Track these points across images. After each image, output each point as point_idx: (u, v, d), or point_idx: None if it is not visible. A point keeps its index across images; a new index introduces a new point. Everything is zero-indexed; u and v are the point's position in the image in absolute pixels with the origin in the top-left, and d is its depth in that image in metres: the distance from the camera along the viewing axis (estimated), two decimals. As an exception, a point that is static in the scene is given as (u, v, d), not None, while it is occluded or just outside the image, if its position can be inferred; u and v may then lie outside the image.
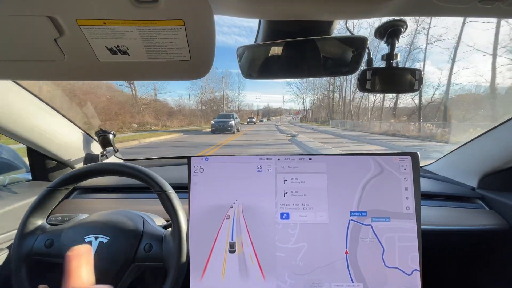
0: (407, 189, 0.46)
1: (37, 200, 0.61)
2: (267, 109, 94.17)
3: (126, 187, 0.99)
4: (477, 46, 17.93)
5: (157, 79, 0.42)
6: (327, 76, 0.66)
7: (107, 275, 0.57)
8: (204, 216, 0.48)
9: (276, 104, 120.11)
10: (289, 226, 0.46)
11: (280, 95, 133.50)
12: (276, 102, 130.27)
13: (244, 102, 70.05)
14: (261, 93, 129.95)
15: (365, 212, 0.46)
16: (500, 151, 0.83)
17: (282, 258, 0.45)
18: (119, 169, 0.63)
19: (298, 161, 0.47)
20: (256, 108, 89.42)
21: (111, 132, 1.04)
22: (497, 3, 0.35)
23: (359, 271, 0.45)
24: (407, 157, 0.47)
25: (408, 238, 0.45)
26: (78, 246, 0.39)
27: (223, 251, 0.47)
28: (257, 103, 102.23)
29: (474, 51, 17.98)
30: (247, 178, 0.47)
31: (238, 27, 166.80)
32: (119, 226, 0.61)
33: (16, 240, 0.59)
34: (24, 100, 0.77)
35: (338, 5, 0.38)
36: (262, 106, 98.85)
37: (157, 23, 0.30)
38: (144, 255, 0.58)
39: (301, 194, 0.47)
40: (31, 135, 0.83)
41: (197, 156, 0.47)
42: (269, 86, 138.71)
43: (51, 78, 0.41)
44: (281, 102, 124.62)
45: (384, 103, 27.31)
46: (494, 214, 0.83)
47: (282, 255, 0.45)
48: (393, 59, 0.59)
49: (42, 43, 0.32)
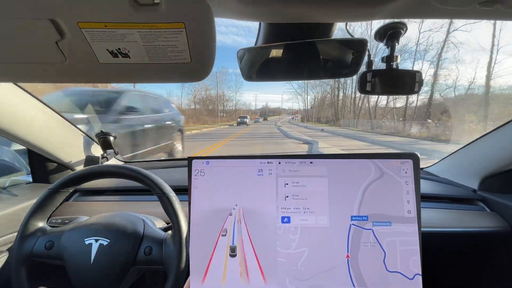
0: (408, 193, 0.46)
1: (37, 202, 0.61)
2: (265, 109, 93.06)
3: (127, 189, 0.99)
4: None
5: (157, 81, 0.42)
6: (327, 78, 0.67)
7: (107, 277, 0.56)
8: (205, 220, 0.47)
9: (274, 104, 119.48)
10: (290, 231, 0.46)
11: (278, 94, 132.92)
12: (274, 102, 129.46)
13: (241, 101, 68.96)
14: (259, 92, 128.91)
15: (366, 216, 0.46)
16: (501, 153, 0.82)
17: (283, 264, 0.45)
18: (120, 171, 0.63)
19: (299, 164, 0.47)
20: (254, 108, 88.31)
21: (111, 134, 1.04)
22: (496, 5, 0.35)
23: (360, 276, 0.44)
24: (408, 161, 0.47)
25: (409, 242, 0.45)
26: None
27: (224, 255, 0.46)
28: (255, 103, 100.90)
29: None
30: (248, 182, 0.47)
31: (236, 27, 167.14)
32: (120, 228, 0.60)
33: (16, 242, 0.59)
34: (25, 103, 0.77)
35: (338, 8, 0.38)
36: (261, 105, 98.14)
37: (157, 26, 0.30)
38: (144, 258, 0.58)
39: (302, 198, 0.46)
40: (32, 137, 0.83)
41: (198, 159, 0.47)
42: (268, 85, 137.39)
43: (52, 81, 0.41)
44: (279, 102, 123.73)
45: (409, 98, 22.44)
46: (495, 216, 0.83)
47: (283, 261, 0.45)
48: (393, 61, 0.59)
49: (43, 45, 0.32)
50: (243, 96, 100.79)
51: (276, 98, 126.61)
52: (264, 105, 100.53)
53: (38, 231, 0.61)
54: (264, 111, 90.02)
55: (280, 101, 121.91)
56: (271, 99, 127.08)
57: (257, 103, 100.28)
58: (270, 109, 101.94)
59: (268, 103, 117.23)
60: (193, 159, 0.46)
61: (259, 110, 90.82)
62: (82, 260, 0.57)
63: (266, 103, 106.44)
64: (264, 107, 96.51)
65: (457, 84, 22.38)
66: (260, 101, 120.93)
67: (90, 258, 0.57)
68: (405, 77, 0.61)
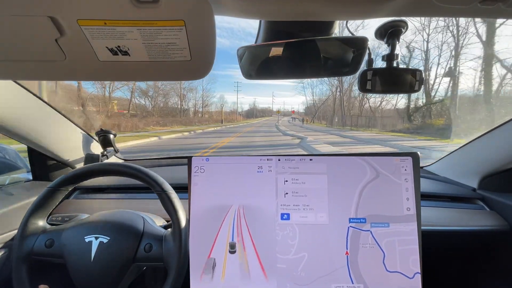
0: (407, 190, 0.46)
1: (37, 200, 0.61)
2: (252, 109, 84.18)
3: (127, 187, 0.99)
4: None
5: (157, 79, 0.42)
6: (327, 76, 0.66)
7: (108, 275, 0.57)
8: (205, 216, 0.48)
9: (263, 106, 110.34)
10: (288, 237, 0.46)
11: (269, 97, 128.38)
12: (263, 104, 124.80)
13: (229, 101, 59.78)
14: (245, 95, 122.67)
15: (364, 218, 0.46)
16: (500, 152, 0.82)
17: (283, 269, 0.45)
18: (120, 169, 0.63)
19: (299, 161, 0.47)
20: (241, 109, 77.65)
21: (111, 132, 1.04)
22: (497, 3, 0.34)
23: (361, 278, 0.45)
24: (408, 158, 0.47)
25: (408, 241, 0.45)
26: None
27: (223, 252, 0.47)
28: (240, 104, 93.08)
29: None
30: (247, 179, 0.47)
31: (219, 28, 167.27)
32: (119, 226, 0.61)
33: (16, 240, 0.59)
34: (25, 100, 0.77)
35: (339, 6, 0.38)
36: (247, 107, 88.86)
37: (157, 24, 0.30)
38: (144, 255, 0.58)
39: (302, 195, 0.47)
40: (32, 135, 0.83)
41: (198, 156, 0.47)
42: (257, 86, 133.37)
43: (52, 78, 0.41)
44: (270, 104, 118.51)
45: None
46: (494, 215, 0.83)
47: (283, 267, 0.45)
48: (393, 59, 0.59)
49: (43, 43, 0.32)
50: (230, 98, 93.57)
51: (266, 101, 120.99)
52: (251, 103, 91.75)
53: (38, 229, 0.61)
54: (251, 111, 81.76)
55: (271, 103, 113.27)
56: (261, 101, 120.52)
57: (243, 105, 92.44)
58: (258, 109, 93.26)
59: (259, 105, 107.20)
60: (193, 156, 0.46)
61: (245, 111, 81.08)
62: (83, 257, 0.57)
63: (254, 98, 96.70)
64: (252, 106, 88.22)
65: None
66: (247, 102, 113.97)
67: (90, 256, 0.57)
68: (405, 75, 0.61)
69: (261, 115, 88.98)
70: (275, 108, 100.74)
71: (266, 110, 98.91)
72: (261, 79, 0.66)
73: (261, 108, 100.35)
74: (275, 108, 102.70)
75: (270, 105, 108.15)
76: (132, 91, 25.51)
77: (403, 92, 0.63)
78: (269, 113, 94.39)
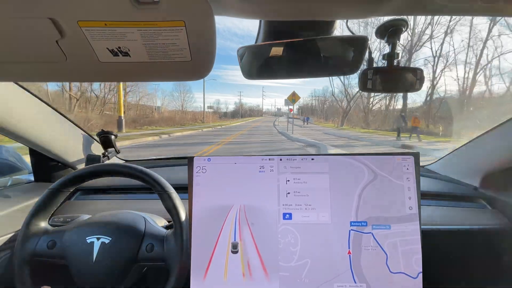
0: (409, 189, 0.46)
1: (39, 202, 0.62)
2: (238, 108, 73.63)
3: (128, 188, 0.99)
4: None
5: (158, 80, 0.42)
6: (327, 76, 0.66)
7: (110, 275, 0.57)
8: (206, 217, 0.48)
9: (251, 104, 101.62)
10: (290, 244, 0.46)
11: (259, 97, 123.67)
12: (254, 104, 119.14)
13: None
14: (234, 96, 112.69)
15: (365, 222, 0.46)
16: (502, 150, 0.82)
17: (286, 277, 0.45)
18: (121, 170, 0.64)
19: (301, 161, 0.47)
20: (226, 110, 70.64)
21: (112, 133, 1.04)
22: (499, 1, 0.34)
23: (365, 280, 0.45)
24: (410, 157, 0.47)
25: (410, 241, 0.45)
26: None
27: (225, 252, 0.47)
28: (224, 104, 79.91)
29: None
30: (249, 179, 0.47)
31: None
32: (121, 226, 0.61)
33: (19, 242, 0.59)
34: (26, 102, 0.77)
35: (339, 5, 0.38)
36: (233, 107, 78.88)
37: (157, 24, 0.30)
38: (146, 255, 0.58)
39: (304, 195, 0.47)
40: (33, 136, 0.83)
41: (199, 156, 0.47)
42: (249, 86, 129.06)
43: (52, 80, 0.41)
44: (260, 103, 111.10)
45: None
46: (497, 214, 0.83)
47: (286, 275, 0.45)
48: (394, 58, 0.58)
49: (43, 44, 0.32)
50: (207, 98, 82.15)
51: (256, 101, 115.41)
52: (237, 102, 78.22)
53: (40, 231, 0.61)
54: (236, 111, 72.34)
55: (261, 103, 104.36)
56: (250, 102, 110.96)
57: (228, 105, 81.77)
58: (247, 108, 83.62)
59: (249, 104, 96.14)
60: (194, 156, 0.46)
61: (230, 112, 72.83)
62: (84, 258, 0.57)
63: (239, 95, 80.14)
64: (238, 105, 76.79)
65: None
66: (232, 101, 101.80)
67: (92, 257, 0.57)
68: (406, 74, 0.61)
69: (249, 114, 79.28)
70: (274, 108, 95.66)
71: (256, 109, 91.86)
72: (261, 79, 0.66)
73: (249, 106, 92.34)
74: (264, 108, 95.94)
75: (260, 105, 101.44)
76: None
77: (403, 91, 0.63)
78: (258, 113, 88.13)
